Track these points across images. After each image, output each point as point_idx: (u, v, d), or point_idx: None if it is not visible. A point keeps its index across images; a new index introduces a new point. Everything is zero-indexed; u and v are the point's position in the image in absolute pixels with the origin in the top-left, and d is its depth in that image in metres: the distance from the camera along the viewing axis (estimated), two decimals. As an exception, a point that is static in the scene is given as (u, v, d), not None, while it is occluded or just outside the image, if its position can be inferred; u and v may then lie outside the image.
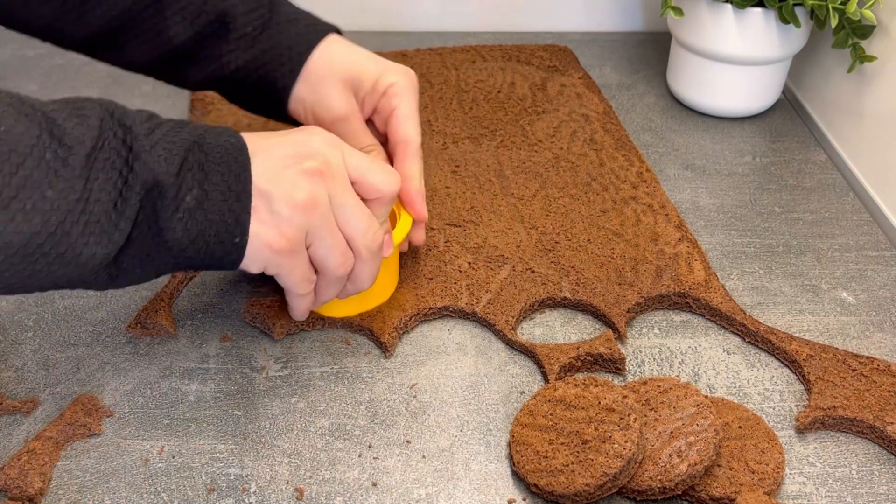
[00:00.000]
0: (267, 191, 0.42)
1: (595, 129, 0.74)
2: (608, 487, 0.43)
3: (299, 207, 0.43)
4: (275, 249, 0.43)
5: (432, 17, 0.92)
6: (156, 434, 0.48)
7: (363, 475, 0.46)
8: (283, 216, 0.43)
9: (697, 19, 0.72)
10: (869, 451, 0.48)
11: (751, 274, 0.60)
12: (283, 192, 0.42)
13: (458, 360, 0.53)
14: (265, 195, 0.42)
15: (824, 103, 0.76)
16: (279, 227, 0.43)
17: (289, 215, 0.43)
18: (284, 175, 0.43)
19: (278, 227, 0.43)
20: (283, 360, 0.52)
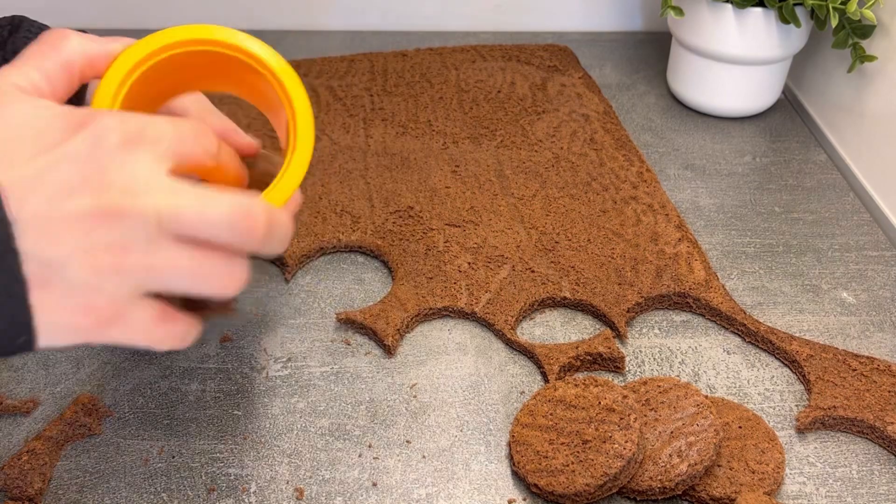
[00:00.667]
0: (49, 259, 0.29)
1: (595, 129, 0.74)
2: (608, 487, 0.43)
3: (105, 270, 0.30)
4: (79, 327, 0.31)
5: (432, 17, 0.92)
6: (156, 434, 0.48)
7: (363, 475, 0.46)
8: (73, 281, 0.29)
9: (697, 19, 0.72)
10: (869, 451, 0.48)
11: (751, 274, 0.60)
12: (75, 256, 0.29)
13: (458, 360, 0.53)
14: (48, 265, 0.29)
15: (824, 103, 0.76)
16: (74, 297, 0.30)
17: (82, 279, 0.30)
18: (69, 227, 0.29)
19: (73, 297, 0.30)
20: (283, 360, 0.52)
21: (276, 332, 0.54)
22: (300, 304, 0.56)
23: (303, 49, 0.86)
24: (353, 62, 0.82)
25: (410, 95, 0.78)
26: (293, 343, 0.53)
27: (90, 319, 0.30)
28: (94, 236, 0.29)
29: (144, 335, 0.32)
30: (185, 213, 0.30)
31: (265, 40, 0.39)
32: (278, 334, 0.54)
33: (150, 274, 0.30)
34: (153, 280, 0.31)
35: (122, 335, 0.32)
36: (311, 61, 0.81)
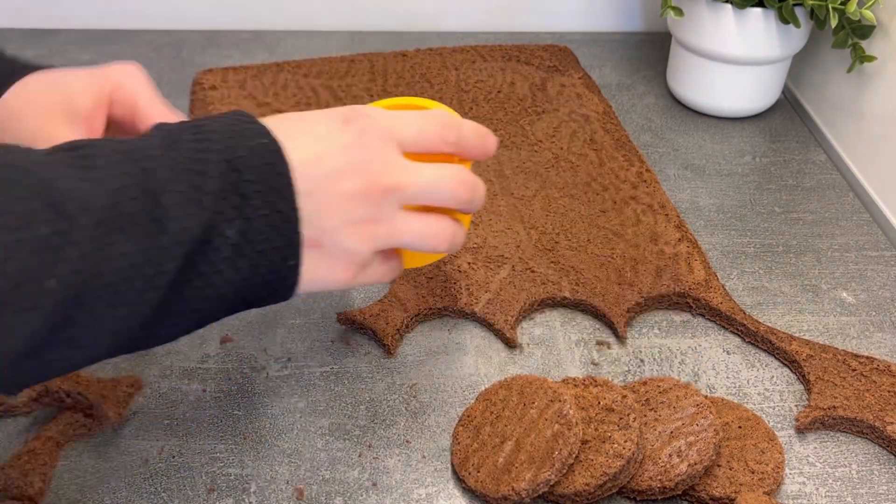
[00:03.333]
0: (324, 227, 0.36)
1: (595, 130, 0.74)
2: (608, 487, 0.43)
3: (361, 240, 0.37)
4: (342, 281, 0.38)
5: (432, 17, 0.92)
6: (156, 434, 0.48)
7: (363, 475, 0.46)
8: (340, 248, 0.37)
9: (697, 19, 0.72)
10: (869, 451, 0.48)
11: (751, 274, 0.60)
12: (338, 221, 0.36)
13: (458, 360, 0.53)
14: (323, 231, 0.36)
15: (824, 103, 0.76)
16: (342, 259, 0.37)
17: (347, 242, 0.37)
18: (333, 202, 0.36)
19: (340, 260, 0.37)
20: (283, 360, 0.52)
21: (276, 332, 0.54)
22: (300, 304, 0.56)
23: (303, 49, 0.86)
24: (353, 62, 0.82)
25: (410, 95, 0.78)
26: (293, 343, 0.53)
27: (347, 275, 0.38)
28: (358, 211, 0.37)
29: (375, 278, 0.41)
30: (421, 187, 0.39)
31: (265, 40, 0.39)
32: (278, 334, 0.54)
33: (393, 237, 0.39)
34: (393, 241, 0.39)
35: (360, 282, 0.40)
36: (311, 61, 0.81)
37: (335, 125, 0.38)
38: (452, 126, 0.41)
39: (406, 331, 0.54)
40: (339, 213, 0.36)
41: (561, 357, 0.53)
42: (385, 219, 0.38)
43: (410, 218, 0.39)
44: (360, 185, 0.37)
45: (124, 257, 0.31)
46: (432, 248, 0.41)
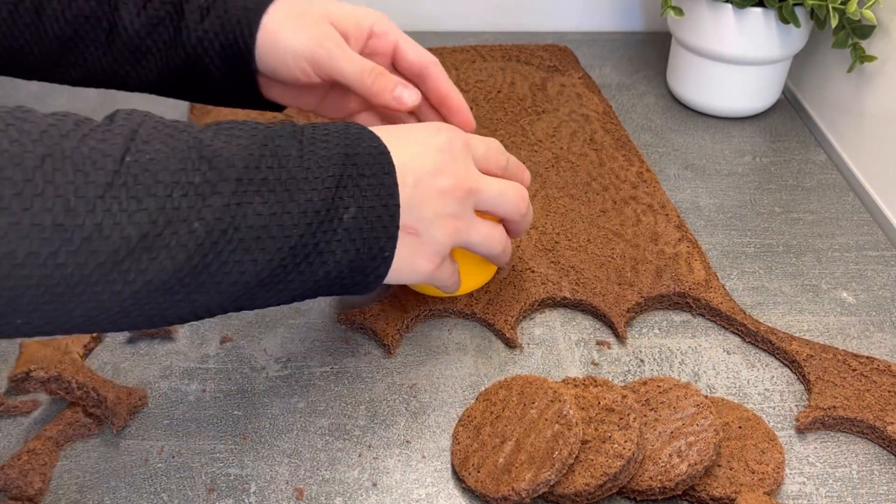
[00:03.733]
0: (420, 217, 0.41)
1: (595, 129, 0.74)
2: (608, 487, 0.43)
3: (448, 234, 0.43)
4: (425, 272, 0.43)
5: (432, 17, 0.92)
6: (156, 434, 0.48)
7: (363, 475, 0.46)
8: (431, 238, 0.42)
9: (697, 19, 0.72)
10: (869, 451, 0.48)
11: (751, 274, 0.60)
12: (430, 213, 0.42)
13: (458, 360, 0.53)
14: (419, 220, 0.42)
15: (824, 103, 0.76)
16: (430, 249, 0.42)
17: (437, 233, 0.42)
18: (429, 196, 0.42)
19: (429, 249, 0.42)
20: (283, 360, 0.52)
21: (276, 332, 0.54)
22: (300, 304, 0.56)
23: (303, 49, 0.86)
24: (353, 62, 0.82)
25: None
26: (293, 343, 0.53)
27: (432, 265, 0.43)
28: (448, 206, 0.42)
29: (445, 277, 0.46)
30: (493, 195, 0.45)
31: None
32: (278, 334, 0.54)
33: (468, 236, 0.44)
34: (466, 240, 0.45)
35: (435, 280, 0.45)
36: (311, 61, 0.81)
37: (428, 132, 0.44)
38: (504, 154, 0.48)
39: (406, 331, 0.54)
40: (433, 205, 0.42)
41: (561, 357, 0.53)
42: (465, 217, 0.44)
43: (480, 221, 0.45)
44: (450, 182, 0.42)
45: (258, 216, 0.35)
46: (491, 250, 0.46)
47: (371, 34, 0.51)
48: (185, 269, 0.34)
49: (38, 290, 0.31)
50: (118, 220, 0.32)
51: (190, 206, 0.33)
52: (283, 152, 0.37)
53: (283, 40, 0.48)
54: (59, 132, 0.32)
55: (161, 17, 0.49)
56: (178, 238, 0.33)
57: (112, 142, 0.33)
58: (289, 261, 0.37)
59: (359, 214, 0.39)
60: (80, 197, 0.31)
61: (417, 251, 0.42)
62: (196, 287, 0.35)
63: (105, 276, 0.32)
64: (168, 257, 0.33)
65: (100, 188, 0.31)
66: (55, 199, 0.31)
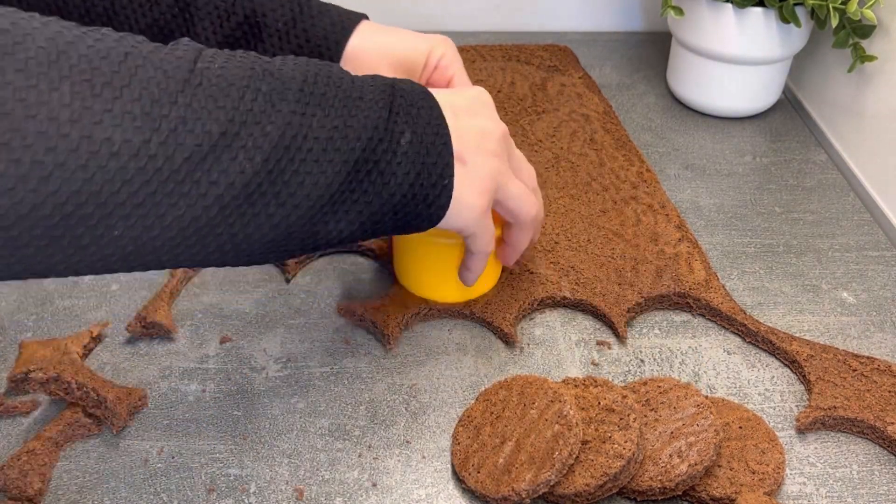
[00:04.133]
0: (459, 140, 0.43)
1: (595, 129, 0.74)
2: (608, 487, 0.43)
3: (493, 168, 0.44)
4: (478, 207, 0.44)
5: (432, 17, 0.92)
6: (155, 434, 0.48)
7: (363, 475, 0.46)
8: (479, 169, 0.44)
9: (697, 19, 0.72)
10: (869, 451, 0.48)
11: (751, 274, 0.60)
12: (474, 145, 0.44)
13: (458, 360, 0.53)
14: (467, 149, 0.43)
15: (824, 103, 0.76)
16: (479, 182, 0.44)
17: (483, 166, 0.44)
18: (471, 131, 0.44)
19: (479, 181, 0.44)
20: (283, 360, 0.52)
21: (276, 332, 0.54)
22: (300, 304, 0.56)
23: (303, 49, 0.86)
24: (353, 62, 0.82)
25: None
26: (293, 343, 0.53)
27: (481, 202, 0.44)
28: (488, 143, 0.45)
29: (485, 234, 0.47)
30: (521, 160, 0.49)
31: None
32: (278, 334, 0.54)
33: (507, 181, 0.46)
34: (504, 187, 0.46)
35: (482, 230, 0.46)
36: (310, 61, 0.81)
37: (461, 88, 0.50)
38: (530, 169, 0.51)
39: (405, 326, 0.54)
40: (476, 138, 0.44)
41: (561, 357, 0.53)
42: (504, 159, 0.46)
43: (515, 177, 0.47)
44: (490, 124, 0.45)
45: (321, 129, 0.37)
46: (524, 209, 0.48)
47: (437, 67, 0.54)
48: (262, 172, 0.35)
49: (132, 186, 0.33)
50: (199, 115, 0.34)
51: (262, 111, 0.35)
52: (335, 77, 0.39)
53: None
54: (134, 39, 0.34)
55: (238, 38, 0.52)
56: (253, 139, 0.35)
57: (180, 54, 0.35)
58: (353, 176, 0.39)
59: (414, 139, 0.41)
60: (163, 90, 0.33)
61: (468, 182, 0.44)
62: (273, 196, 0.36)
63: (191, 172, 0.34)
64: (246, 158, 0.35)
65: (179, 84, 0.34)
66: (142, 91, 0.33)
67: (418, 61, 0.53)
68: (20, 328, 0.54)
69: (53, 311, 0.55)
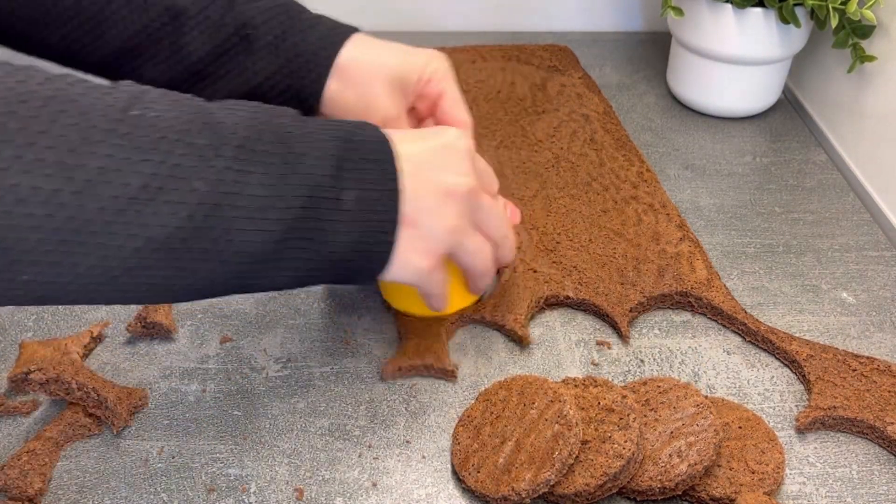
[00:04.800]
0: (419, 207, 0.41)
1: (595, 129, 0.74)
2: (608, 487, 0.43)
3: (447, 230, 0.42)
4: (424, 269, 0.42)
5: (432, 17, 0.92)
6: (155, 434, 0.48)
7: (363, 475, 0.46)
8: (431, 232, 0.42)
9: (697, 19, 0.72)
10: (869, 451, 0.48)
11: (751, 274, 0.60)
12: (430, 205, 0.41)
13: (458, 360, 0.53)
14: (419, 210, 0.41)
15: (824, 103, 0.76)
16: (427, 244, 0.42)
17: (436, 228, 0.42)
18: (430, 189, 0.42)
19: (427, 244, 0.42)
20: (283, 360, 0.52)
21: (276, 332, 0.54)
22: (300, 304, 0.56)
23: (303, 49, 0.86)
24: (353, 62, 0.82)
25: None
26: (293, 343, 0.53)
27: (428, 263, 0.42)
28: (448, 202, 0.42)
29: (436, 286, 0.44)
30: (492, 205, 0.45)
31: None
32: (278, 334, 0.54)
33: (464, 238, 0.43)
34: (460, 245, 0.43)
35: (430, 286, 0.44)
36: (311, 61, 0.81)
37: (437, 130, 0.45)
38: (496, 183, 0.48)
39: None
40: (433, 198, 0.41)
41: (561, 357, 0.53)
42: (465, 220, 0.43)
43: (477, 233, 0.45)
44: (455, 179, 0.42)
45: (259, 186, 0.36)
46: (479, 265, 0.45)
47: (429, 81, 0.52)
48: (186, 228, 0.34)
49: (41, 233, 0.32)
50: (120, 166, 0.32)
51: (192, 166, 0.34)
52: (284, 129, 0.38)
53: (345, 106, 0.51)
54: (65, 81, 0.33)
55: (227, 49, 0.51)
56: (179, 194, 0.34)
57: (117, 96, 0.34)
58: (290, 234, 0.37)
59: (360, 197, 0.39)
60: (84, 139, 0.32)
61: (415, 244, 0.41)
62: (199, 253, 0.35)
63: (107, 224, 0.32)
64: (169, 213, 0.34)
65: (103, 133, 0.32)
66: (59, 138, 0.31)
67: (411, 76, 0.52)
68: (20, 328, 0.54)
69: (54, 311, 0.55)
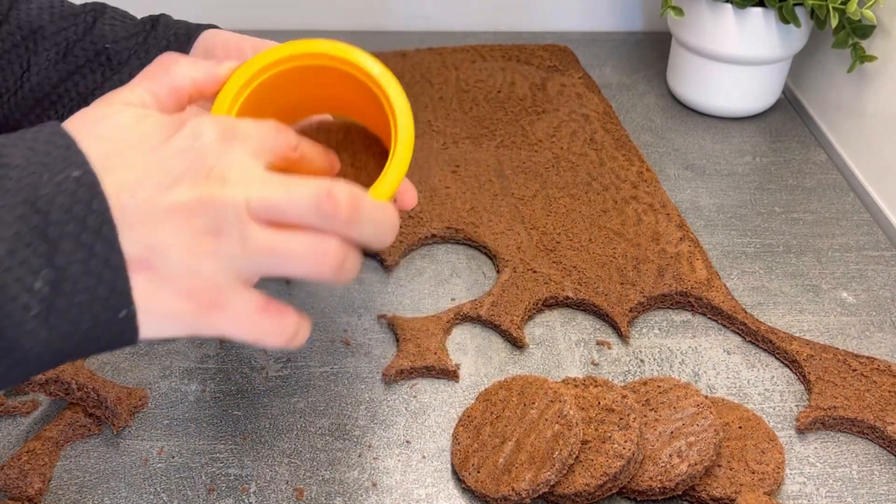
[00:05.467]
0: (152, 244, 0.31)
1: (595, 129, 0.74)
2: (608, 487, 0.43)
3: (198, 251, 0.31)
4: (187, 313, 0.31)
5: (432, 17, 0.92)
6: (155, 434, 0.48)
7: (363, 475, 0.46)
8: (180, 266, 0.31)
9: (697, 19, 0.72)
10: (869, 451, 0.48)
11: (751, 274, 0.60)
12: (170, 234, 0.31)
13: (458, 360, 0.53)
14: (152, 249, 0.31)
15: (824, 103, 0.76)
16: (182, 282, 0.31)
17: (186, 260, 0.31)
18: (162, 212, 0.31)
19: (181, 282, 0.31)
20: (283, 360, 0.52)
21: (276, 332, 0.54)
22: (300, 304, 0.56)
23: (303, 49, 0.86)
24: (353, 62, 0.82)
25: (410, 95, 0.77)
26: (293, 343, 0.53)
27: (191, 304, 0.31)
28: (192, 223, 0.31)
29: (249, 326, 0.32)
30: (272, 198, 0.32)
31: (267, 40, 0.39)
32: (278, 334, 0.54)
33: (245, 258, 0.31)
34: (248, 263, 0.32)
35: (225, 324, 0.32)
36: (311, 61, 0.81)
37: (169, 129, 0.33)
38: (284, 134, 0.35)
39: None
40: (168, 225, 0.31)
41: (561, 357, 0.53)
42: (232, 234, 0.31)
43: (271, 234, 0.32)
44: (193, 192, 0.31)
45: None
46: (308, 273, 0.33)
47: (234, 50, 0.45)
48: None
49: None
50: None
51: None
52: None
53: None
54: None
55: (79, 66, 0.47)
56: None
57: None
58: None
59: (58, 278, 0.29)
60: None
61: (163, 291, 0.31)
62: None
63: None
64: None
65: None
66: None
67: None
68: (20, 328, 0.54)
69: (53, 311, 0.55)
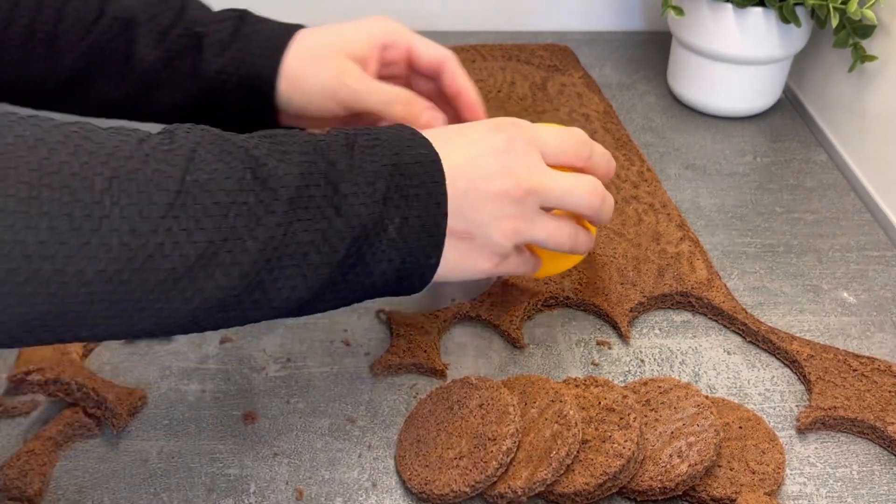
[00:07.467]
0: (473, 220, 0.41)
1: (595, 129, 0.74)
2: (608, 487, 0.43)
3: (506, 235, 0.42)
4: (486, 271, 0.43)
5: (432, 17, 0.92)
6: (155, 434, 0.48)
7: (363, 475, 0.46)
8: (490, 241, 0.42)
9: (698, 19, 0.72)
10: (870, 451, 0.48)
11: (751, 274, 0.60)
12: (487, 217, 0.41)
13: (459, 360, 0.53)
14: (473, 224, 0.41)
15: (825, 103, 0.76)
16: (487, 251, 0.42)
17: (494, 236, 0.42)
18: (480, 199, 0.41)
19: (486, 251, 0.42)
20: (283, 360, 0.52)
21: (276, 332, 0.54)
22: (300, 304, 0.56)
23: (303, 49, 0.86)
24: (353, 62, 0.82)
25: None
26: (293, 343, 0.53)
27: (490, 264, 0.43)
28: (505, 209, 0.42)
29: (512, 269, 0.46)
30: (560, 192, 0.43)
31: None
32: (278, 334, 0.54)
33: (531, 234, 0.44)
34: (529, 238, 0.44)
35: (499, 271, 0.45)
36: (311, 61, 0.81)
37: (488, 132, 0.43)
38: (587, 144, 0.46)
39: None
40: (488, 209, 0.41)
41: (561, 357, 0.53)
42: (527, 217, 0.43)
43: (546, 219, 0.44)
44: (507, 185, 0.41)
45: (307, 233, 0.36)
46: (559, 246, 0.45)
47: (384, 47, 0.52)
48: (239, 286, 0.35)
49: (103, 306, 0.33)
50: (178, 239, 0.33)
51: (244, 226, 0.34)
52: (333, 169, 0.38)
53: (306, 84, 0.51)
54: (124, 154, 0.33)
55: (178, 51, 0.51)
56: (232, 256, 0.34)
57: (173, 162, 0.34)
58: (336, 274, 0.38)
59: (404, 224, 0.39)
60: (144, 217, 0.32)
61: (472, 253, 0.42)
62: (250, 304, 0.36)
63: (165, 293, 0.33)
64: (224, 275, 0.34)
65: (162, 209, 0.33)
66: (121, 220, 0.32)
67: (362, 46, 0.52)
68: (20, 328, 0.54)
69: (53, 311, 0.55)
